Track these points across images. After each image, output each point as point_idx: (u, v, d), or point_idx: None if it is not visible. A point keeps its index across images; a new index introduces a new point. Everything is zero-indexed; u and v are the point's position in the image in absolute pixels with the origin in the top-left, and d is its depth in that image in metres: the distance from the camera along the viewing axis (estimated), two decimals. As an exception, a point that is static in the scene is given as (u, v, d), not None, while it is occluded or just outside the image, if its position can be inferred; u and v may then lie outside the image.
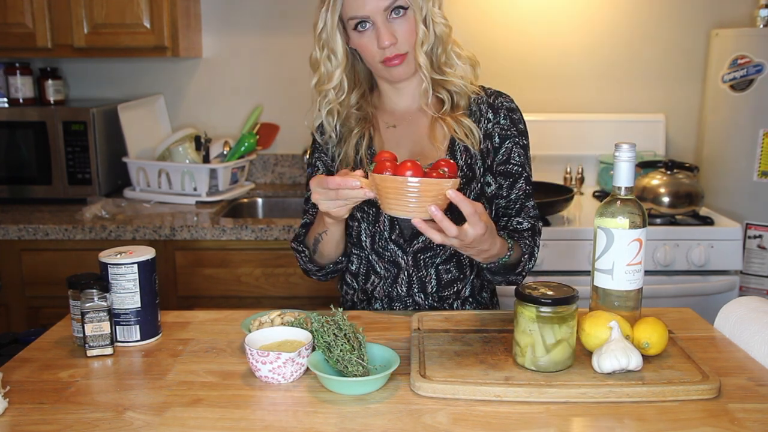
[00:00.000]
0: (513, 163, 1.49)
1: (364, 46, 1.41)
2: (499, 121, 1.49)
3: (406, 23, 1.39)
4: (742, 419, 1.03)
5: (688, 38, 2.90)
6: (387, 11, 1.37)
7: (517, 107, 1.53)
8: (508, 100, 1.53)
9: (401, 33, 1.39)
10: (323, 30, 1.44)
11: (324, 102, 1.50)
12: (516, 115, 1.51)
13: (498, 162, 1.49)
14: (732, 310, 1.35)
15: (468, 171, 1.47)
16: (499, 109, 1.50)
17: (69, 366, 1.23)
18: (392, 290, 1.52)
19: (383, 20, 1.37)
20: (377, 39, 1.38)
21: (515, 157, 1.49)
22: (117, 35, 2.59)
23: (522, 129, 1.51)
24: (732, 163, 2.64)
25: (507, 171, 1.49)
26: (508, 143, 1.49)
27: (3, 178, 2.62)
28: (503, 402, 1.08)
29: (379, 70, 1.44)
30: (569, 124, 2.91)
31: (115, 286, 1.29)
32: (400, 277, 1.51)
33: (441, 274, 1.51)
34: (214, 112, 3.00)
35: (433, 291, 1.51)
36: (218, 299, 2.40)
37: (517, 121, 1.51)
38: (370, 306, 1.56)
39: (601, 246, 1.25)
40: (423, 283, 1.51)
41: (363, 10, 1.37)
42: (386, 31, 1.37)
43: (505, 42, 2.91)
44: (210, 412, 1.06)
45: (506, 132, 1.49)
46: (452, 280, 1.51)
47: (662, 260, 2.31)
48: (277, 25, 2.92)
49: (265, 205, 2.88)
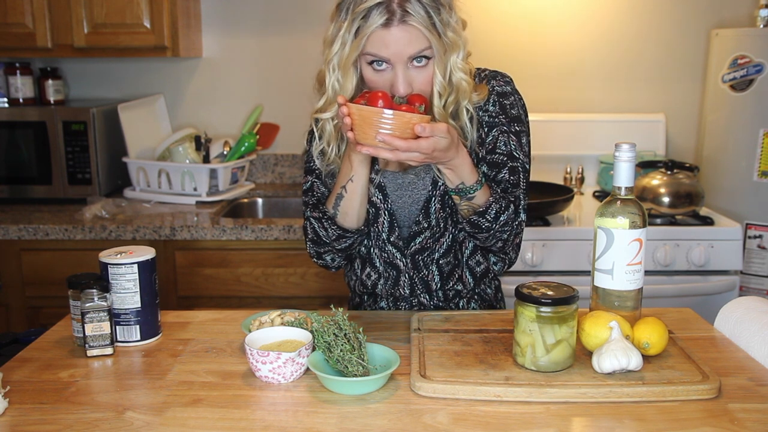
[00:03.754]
0: (498, 152, 1.41)
1: (374, 83, 1.32)
2: (488, 108, 1.42)
3: (426, 72, 1.31)
4: (742, 419, 1.03)
5: (688, 38, 2.90)
6: (410, 59, 1.29)
7: (511, 91, 1.44)
8: (502, 83, 1.44)
9: (418, 82, 1.32)
10: (337, 55, 1.32)
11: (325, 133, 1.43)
12: (508, 100, 1.42)
13: (486, 151, 1.42)
14: (732, 310, 1.35)
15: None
16: (489, 94, 1.42)
17: (69, 366, 1.23)
18: (395, 291, 1.52)
19: (403, 67, 1.29)
20: (392, 84, 1.31)
21: (501, 146, 1.41)
22: (117, 35, 2.58)
23: (514, 114, 1.42)
24: (732, 163, 2.64)
25: (492, 161, 1.41)
26: (495, 131, 1.41)
27: (3, 178, 2.62)
28: (503, 402, 1.08)
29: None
30: (569, 124, 2.91)
31: (115, 286, 1.29)
32: (401, 279, 1.51)
33: (442, 267, 1.49)
34: (214, 112, 3.00)
35: (438, 288, 1.50)
36: (218, 299, 2.40)
37: (509, 107, 1.42)
38: (376, 305, 1.56)
39: (601, 246, 1.25)
40: (426, 282, 1.50)
41: (385, 52, 1.28)
42: (404, 79, 1.29)
43: (505, 42, 2.91)
44: (210, 412, 1.06)
45: (493, 119, 1.41)
46: (451, 270, 1.50)
47: (662, 260, 2.31)
48: (277, 25, 2.92)
49: (265, 205, 2.88)
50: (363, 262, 1.54)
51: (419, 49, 1.28)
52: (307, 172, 1.54)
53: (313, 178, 1.52)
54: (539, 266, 2.32)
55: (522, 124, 1.44)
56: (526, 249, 2.30)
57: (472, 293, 1.54)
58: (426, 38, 1.28)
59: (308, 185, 1.53)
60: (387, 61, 1.29)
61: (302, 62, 2.91)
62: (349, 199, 1.38)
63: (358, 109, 1.19)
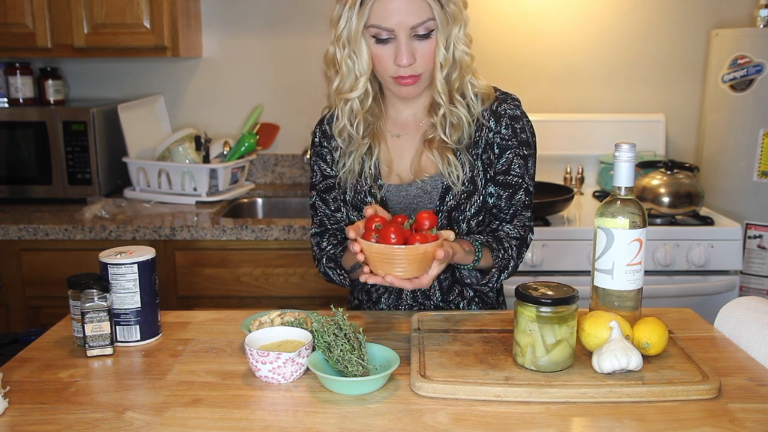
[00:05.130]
0: (513, 174, 1.44)
1: (379, 57, 1.36)
2: (500, 130, 1.44)
3: (428, 45, 1.35)
4: (742, 419, 1.03)
5: (688, 38, 2.90)
6: (413, 29, 1.33)
7: (521, 114, 1.47)
8: (513, 106, 1.46)
9: (421, 54, 1.35)
10: (345, 29, 1.35)
11: (346, 109, 1.44)
12: (519, 124, 1.45)
13: (497, 172, 1.45)
14: (732, 310, 1.35)
15: (469, 184, 1.44)
16: (502, 117, 1.44)
17: (69, 366, 1.23)
18: (398, 303, 1.54)
19: (406, 38, 1.33)
20: (395, 55, 1.34)
21: (515, 168, 1.44)
22: (117, 35, 2.58)
23: (524, 139, 1.45)
24: (732, 163, 2.64)
25: (506, 182, 1.45)
26: (509, 153, 1.44)
27: (3, 178, 2.62)
28: (503, 402, 1.08)
29: (389, 83, 1.41)
30: (569, 124, 2.91)
31: (115, 286, 1.29)
32: (403, 292, 1.53)
33: (441, 282, 1.51)
34: (214, 112, 3.00)
35: (439, 300, 1.52)
36: (218, 299, 2.40)
37: (520, 131, 1.45)
38: (375, 306, 1.56)
39: (601, 246, 1.25)
40: (427, 295, 1.52)
41: (389, 22, 1.31)
42: (407, 49, 1.33)
43: (505, 42, 2.91)
44: (210, 412, 1.06)
45: (506, 142, 1.44)
46: (451, 285, 1.52)
47: (662, 260, 2.31)
48: (277, 25, 2.92)
49: (265, 205, 2.88)
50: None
51: (422, 19, 1.32)
52: (311, 187, 1.58)
53: (314, 195, 1.56)
54: (539, 266, 2.32)
55: (530, 148, 1.47)
56: (526, 249, 2.30)
57: (472, 298, 1.55)
58: (429, 7, 1.32)
59: (312, 201, 1.57)
60: (391, 31, 1.32)
61: (302, 62, 2.91)
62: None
63: (370, 246, 1.19)
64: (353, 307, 1.62)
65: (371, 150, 1.47)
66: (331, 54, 1.41)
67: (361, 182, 1.47)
